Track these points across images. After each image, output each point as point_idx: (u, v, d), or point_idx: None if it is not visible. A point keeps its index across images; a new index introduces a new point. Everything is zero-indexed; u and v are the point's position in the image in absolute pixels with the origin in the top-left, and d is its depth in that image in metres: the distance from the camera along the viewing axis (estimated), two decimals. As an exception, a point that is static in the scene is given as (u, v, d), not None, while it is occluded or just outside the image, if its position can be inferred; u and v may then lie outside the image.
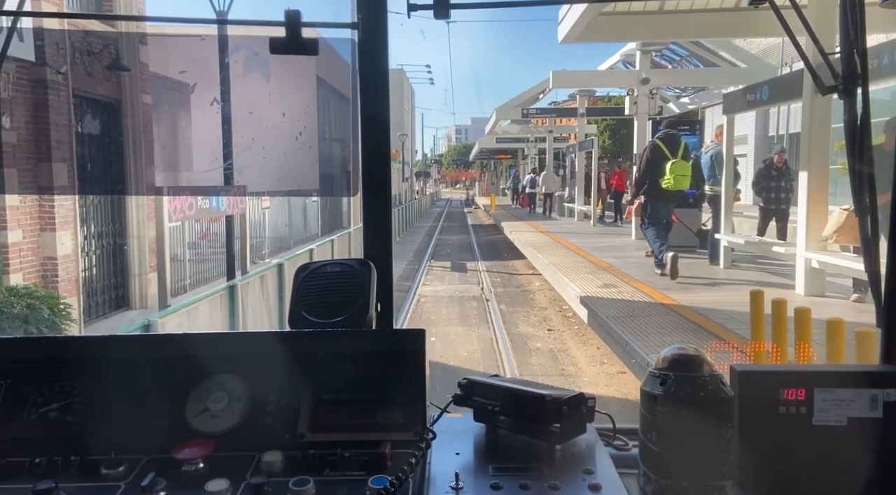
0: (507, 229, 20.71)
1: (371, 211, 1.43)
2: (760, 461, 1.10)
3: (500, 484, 1.03)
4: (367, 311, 1.29)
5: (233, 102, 2.69)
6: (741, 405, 1.08)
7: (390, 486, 0.98)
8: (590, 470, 1.08)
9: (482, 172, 73.78)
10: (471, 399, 1.22)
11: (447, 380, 6.54)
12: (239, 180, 2.49)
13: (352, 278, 1.33)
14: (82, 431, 1.16)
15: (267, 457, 1.08)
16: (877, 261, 1.23)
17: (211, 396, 1.19)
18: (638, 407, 1.09)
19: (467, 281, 14.28)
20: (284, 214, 18.27)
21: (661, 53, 17.44)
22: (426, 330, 1.24)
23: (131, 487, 1.03)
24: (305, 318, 1.29)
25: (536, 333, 9.21)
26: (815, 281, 7.57)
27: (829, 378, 1.11)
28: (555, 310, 10.53)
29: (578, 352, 8.14)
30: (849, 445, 1.10)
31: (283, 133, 1.98)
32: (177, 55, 3.71)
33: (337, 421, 1.16)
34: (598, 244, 14.33)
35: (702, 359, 1.05)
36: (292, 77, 2.00)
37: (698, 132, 12.90)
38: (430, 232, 27.26)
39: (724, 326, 6.51)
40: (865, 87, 1.17)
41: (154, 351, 1.28)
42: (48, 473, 1.06)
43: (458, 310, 11.04)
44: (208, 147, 2.34)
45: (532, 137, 31.13)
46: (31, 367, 1.22)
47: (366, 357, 1.21)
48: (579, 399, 1.15)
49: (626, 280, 9.54)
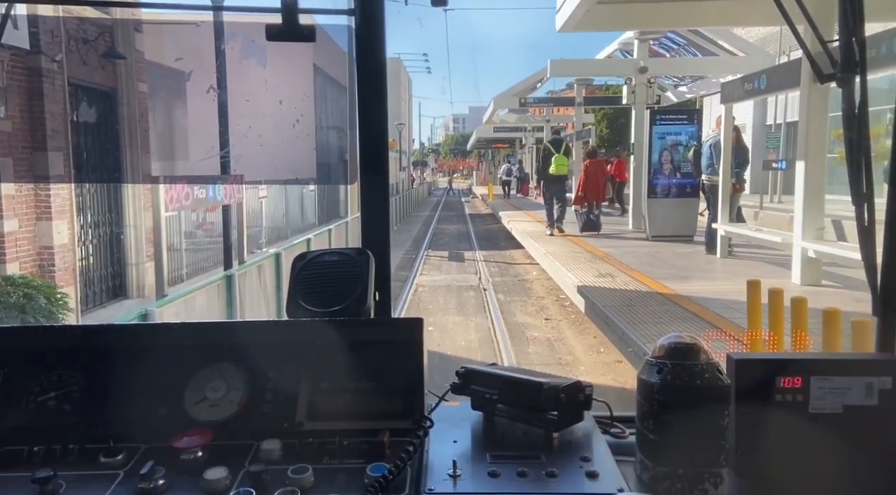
0: (505, 219, 20.75)
1: (369, 200, 1.42)
2: (756, 448, 1.11)
3: (498, 471, 1.03)
4: (366, 300, 1.29)
5: (229, 90, 2.67)
6: (737, 393, 1.09)
7: (388, 474, 0.98)
8: (587, 457, 1.08)
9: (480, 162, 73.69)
10: (468, 387, 1.23)
11: (445, 370, 6.46)
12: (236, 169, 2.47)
13: (350, 267, 1.32)
14: (81, 420, 1.16)
15: (265, 446, 1.08)
16: (873, 250, 1.23)
17: (209, 385, 1.19)
18: (634, 395, 1.09)
19: (465, 270, 14.29)
20: (282, 204, 18.24)
21: (660, 42, 17.39)
22: (423, 319, 1.24)
23: (130, 475, 1.04)
24: (303, 307, 1.29)
25: (534, 323, 9.22)
26: (812, 270, 7.60)
27: (826, 366, 1.12)
28: (552, 299, 10.56)
29: (576, 341, 8.17)
30: (844, 433, 1.10)
31: (280, 121, 1.96)
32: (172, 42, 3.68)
33: (335, 410, 1.16)
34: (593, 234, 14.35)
35: (699, 347, 1.06)
36: (289, 64, 1.99)
37: (696, 121, 12.84)
38: (427, 221, 27.25)
39: (720, 315, 6.54)
40: (864, 76, 1.16)
41: (152, 340, 1.28)
42: (47, 461, 1.06)
43: (455, 299, 11.06)
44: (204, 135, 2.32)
45: (530, 127, 31.09)
46: (30, 356, 1.22)
47: (364, 346, 1.21)
48: (577, 387, 1.15)
49: (623, 269, 9.57)
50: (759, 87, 8.89)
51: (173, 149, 10.34)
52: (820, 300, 5.33)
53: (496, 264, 14.67)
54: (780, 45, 15.85)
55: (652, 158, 12.90)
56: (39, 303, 7.59)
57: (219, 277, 7.65)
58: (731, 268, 9.42)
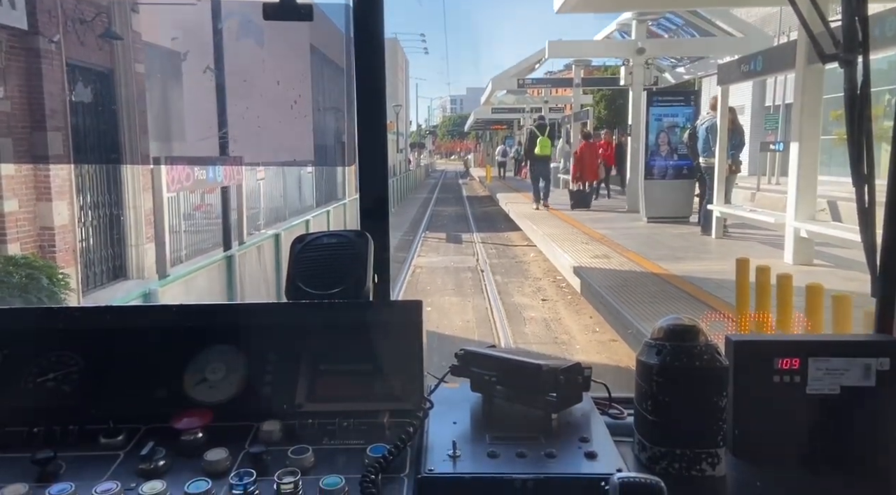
0: (503, 201, 20.80)
1: (367, 182, 1.42)
2: (754, 429, 1.12)
3: (497, 452, 1.05)
4: (365, 283, 1.29)
5: (226, 70, 2.69)
6: (736, 374, 1.10)
7: (388, 455, 0.99)
8: (585, 438, 1.10)
9: (478, 143, 73.25)
10: (468, 369, 1.24)
11: (443, 350, 6.64)
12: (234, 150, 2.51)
13: (349, 250, 1.32)
14: (80, 401, 1.16)
15: (266, 427, 1.09)
16: (873, 232, 1.22)
17: (209, 367, 1.20)
18: (627, 373, 1.14)
19: (462, 252, 14.37)
20: (279, 185, 18.26)
21: (658, 22, 17.31)
22: (423, 301, 1.26)
23: (130, 456, 1.04)
24: (302, 290, 1.28)
25: (531, 303, 9.32)
26: (804, 250, 7.70)
27: (823, 347, 1.12)
28: (549, 280, 10.66)
29: (571, 321, 8.28)
30: (842, 413, 1.11)
31: (277, 102, 2.00)
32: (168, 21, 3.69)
33: (335, 392, 1.17)
34: (592, 216, 14.43)
35: (697, 329, 1.07)
36: (286, 44, 2.03)
37: (693, 103, 12.85)
38: (425, 203, 27.26)
39: (713, 295, 6.64)
40: (866, 56, 1.15)
41: (152, 321, 1.28)
42: (47, 442, 1.06)
43: (453, 280, 11.15)
44: (201, 116, 2.34)
45: (528, 108, 30.95)
46: (29, 337, 1.22)
47: (363, 328, 1.22)
48: (576, 368, 1.16)
49: (618, 250, 9.66)
50: (755, 69, 8.93)
51: (170, 131, 10.36)
52: (810, 280, 5.42)
53: (494, 246, 14.72)
54: (779, 26, 15.81)
55: (649, 140, 12.95)
56: (42, 283, 7.66)
57: (220, 257, 7.73)
58: (726, 248, 9.51)
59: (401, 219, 20.47)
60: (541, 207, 16.18)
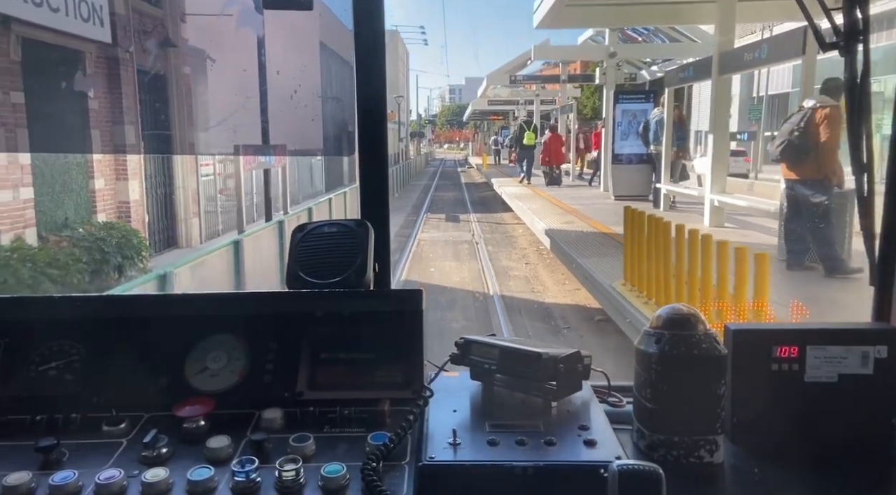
0: (497, 185, 22.78)
1: (368, 172, 1.40)
2: (753, 416, 1.11)
3: (497, 440, 1.04)
4: (365, 272, 1.27)
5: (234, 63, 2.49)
6: (734, 362, 1.09)
7: (389, 442, 0.98)
8: (585, 426, 1.09)
9: (476, 133, 73.62)
10: (468, 357, 1.24)
11: (441, 302, 8.25)
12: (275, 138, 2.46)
13: (349, 239, 1.31)
14: (83, 389, 1.15)
15: (267, 415, 1.08)
16: (872, 220, 1.21)
17: (210, 355, 1.20)
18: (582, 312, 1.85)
19: (460, 229, 16.10)
20: (294, 171, 19.71)
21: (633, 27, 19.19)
22: (423, 291, 1.27)
23: (133, 443, 1.03)
24: (303, 279, 1.28)
25: (516, 266, 11.23)
26: (717, 216, 9.88)
27: (822, 335, 1.12)
28: (533, 250, 12.49)
29: (547, 277, 10.28)
30: (840, 401, 1.11)
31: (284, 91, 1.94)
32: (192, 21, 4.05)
33: (336, 380, 1.17)
34: (570, 195, 16.55)
35: (697, 318, 1.06)
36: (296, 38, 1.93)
37: (652, 100, 14.51)
38: (425, 189, 28.61)
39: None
40: (866, 44, 1.13)
41: (153, 310, 1.28)
42: (49, 431, 1.05)
43: (452, 250, 12.87)
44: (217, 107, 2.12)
45: (522, 100, 32.60)
46: (31, 326, 1.22)
47: (364, 317, 1.22)
48: (575, 357, 1.16)
49: (582, 219, 11.79)
50: (688, 75, 11.03)
51: (207, 121, 12.11)
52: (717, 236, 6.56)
53: (488, 224, 16.50)
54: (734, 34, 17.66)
55: (616, 131, 15.06)
56: (133, 242, 9.62)
57: (260, 227, 9.20)
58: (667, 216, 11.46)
59: (403, 202, 21.78)
60: (524, 182, 21.15)
